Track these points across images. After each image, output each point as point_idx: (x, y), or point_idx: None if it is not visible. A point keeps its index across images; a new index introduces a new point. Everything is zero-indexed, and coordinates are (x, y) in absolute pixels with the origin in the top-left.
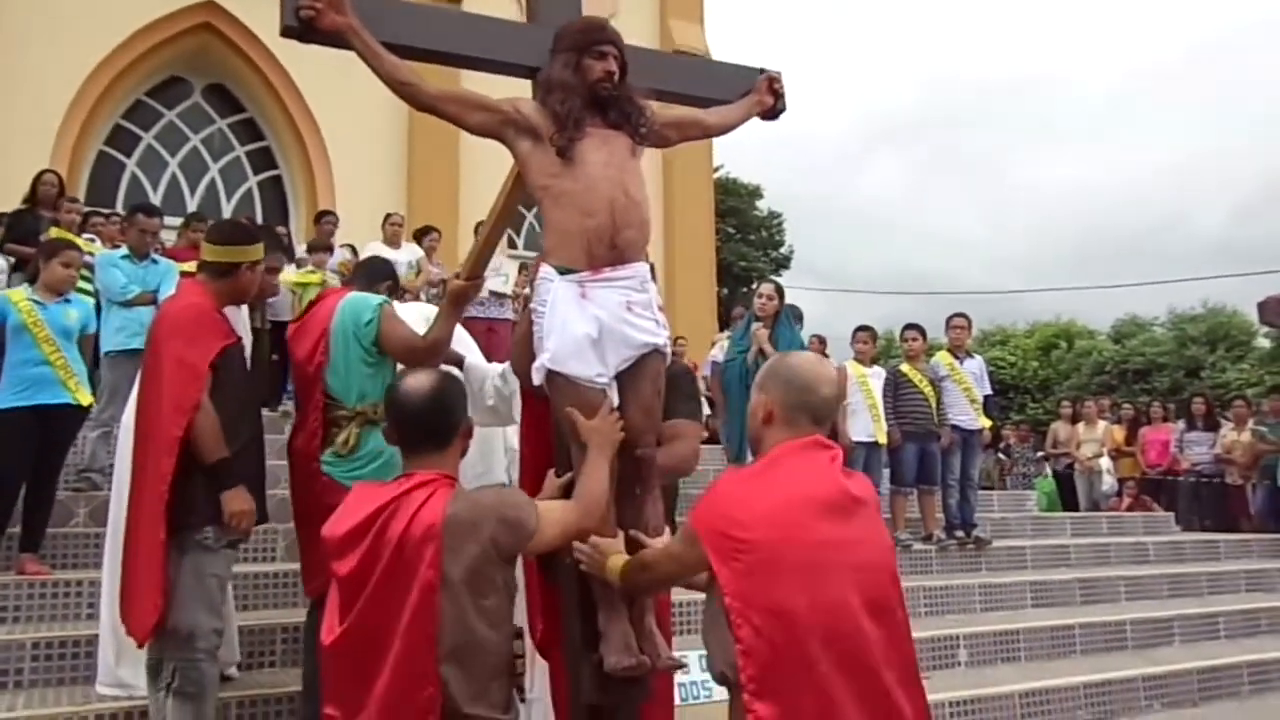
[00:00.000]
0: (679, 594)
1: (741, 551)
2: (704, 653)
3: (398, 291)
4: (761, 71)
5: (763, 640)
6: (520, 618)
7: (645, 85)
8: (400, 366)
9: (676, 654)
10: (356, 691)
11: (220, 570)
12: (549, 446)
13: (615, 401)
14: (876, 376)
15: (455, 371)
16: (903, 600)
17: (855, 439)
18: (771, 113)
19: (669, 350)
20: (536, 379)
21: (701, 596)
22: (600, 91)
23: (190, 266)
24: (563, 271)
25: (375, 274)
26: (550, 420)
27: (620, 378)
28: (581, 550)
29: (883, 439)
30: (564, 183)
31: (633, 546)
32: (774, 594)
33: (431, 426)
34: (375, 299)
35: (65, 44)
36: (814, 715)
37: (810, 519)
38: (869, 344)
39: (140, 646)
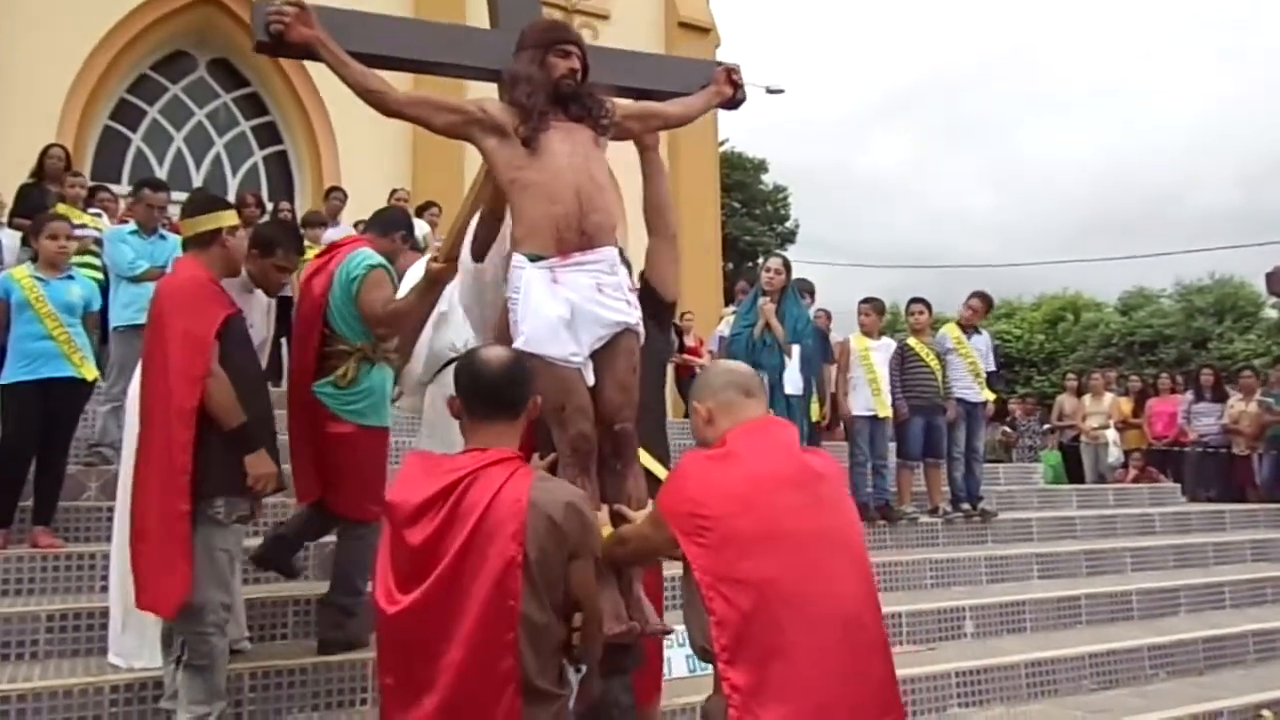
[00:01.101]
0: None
1: (706, 529)
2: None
3: (410, 240)
4: (719, 64)
5: (733, 610)
6: None
7: (607, 82)
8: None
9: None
10: (422, 661)
11: (230, 545)
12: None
13: (591, 380)
14: (882, 349)
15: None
16: (870, 568)
17: (856, 413)
18: (731, 102)
19: (641, 330)
20: None
21: None
22: (563, 87)
23: None
24: (533, 259)
25: (390, 224)
26: None
27: (595, 357)
28: None
29: (884, 412)
30: (530, 173)
31: (617, 520)
32: (740, 566)
33: (506, 399)
34: (372, 260)
35: (70, 17)
36: (784, 680)
37: (771, 493)
38: (873, 316)
39: (170, 619)
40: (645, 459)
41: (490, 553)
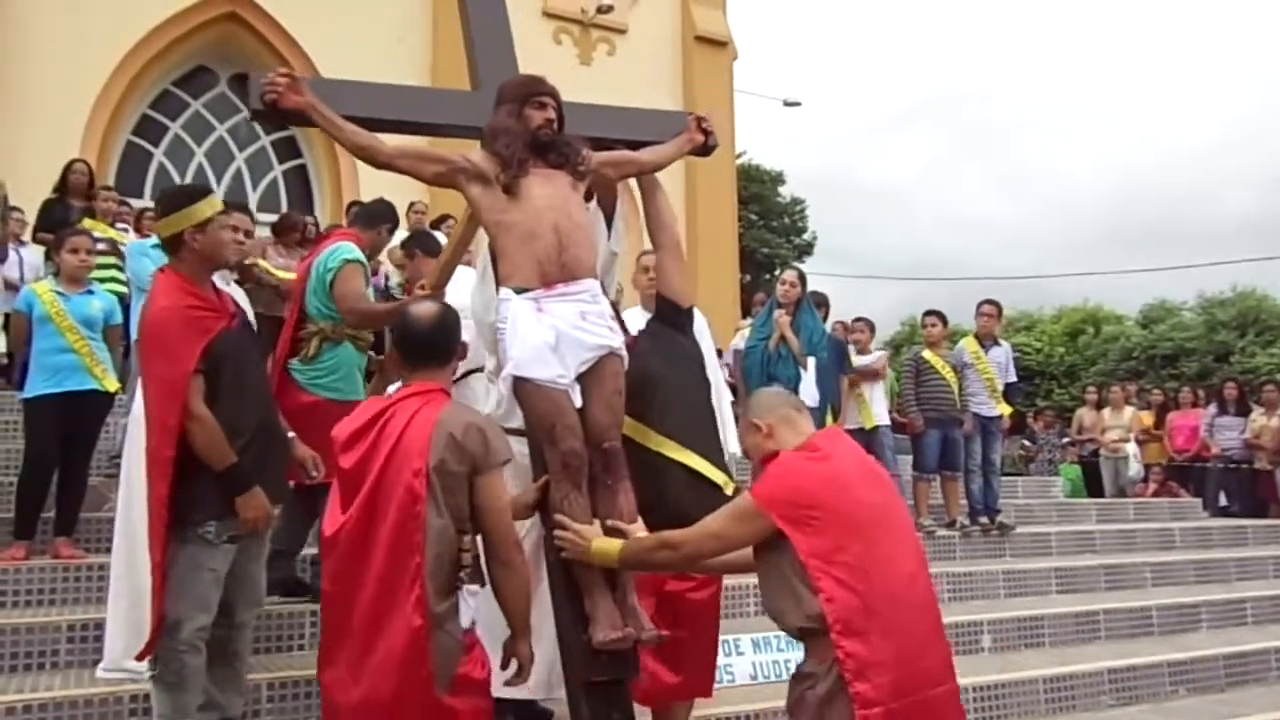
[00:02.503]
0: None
1: (815, 518)
2: (738, 637)
3: (394, 233)
4: (690, 114)
5: (842, 588)
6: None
7: (583, 134)
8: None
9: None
10: (356, 572)
11: (217, 565)
12: None
13: (579, 402)
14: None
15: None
16: (924, 553)
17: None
18: (703, 149)
19: (625, 354)
20: (504, 389)
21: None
22: (541, 136)
23: None
24: (519, 291)
25: (375, 217)
26: None
27: (582, 380)
28: (563, 538)
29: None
30: (512, 215)
31: (612, 535)
32: (846, 550)
33: (434, 346)
34: (348, 254)
35: (93, 33)
36: (885, 650)
37: (859, 487)
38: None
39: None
40: (693, 459)
41: (404, 467)
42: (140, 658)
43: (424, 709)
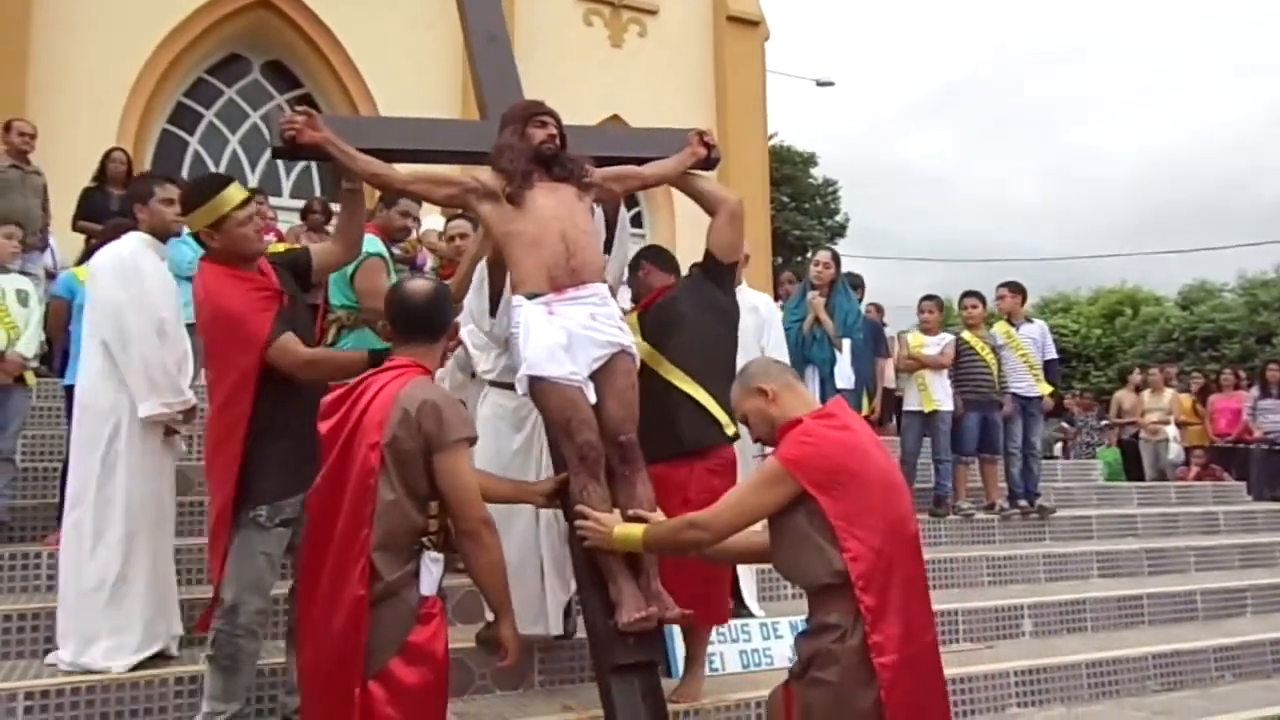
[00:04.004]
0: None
1: (840, 482)
2: (764, 621)
3: (410, 215)
4: (691, 130)
5: (865, 547)
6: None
7: (588, 153)
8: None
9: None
10: (324, 536)
11: (270, 548)
12: None
13: (594, 398)
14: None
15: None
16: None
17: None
18: (706, 162)
19: (636, 353)
20: (520, 390)
21: None
22: (544, 151)
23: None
24: (530, 297)
25: (389, 199)
26: None
27: (595, 378)
28: (585, 528)
29: (928, 406)
30: (520, 225)
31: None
32: (869, 511)
33: (424, 321)
34: (371, 249)
35: (127, 22)
36: (896, 602)
37: (871, 452)
38: (935, 314)
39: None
40: (701, 395)
41: (363, 440)
42: (200, 629)
43: (358, 676)
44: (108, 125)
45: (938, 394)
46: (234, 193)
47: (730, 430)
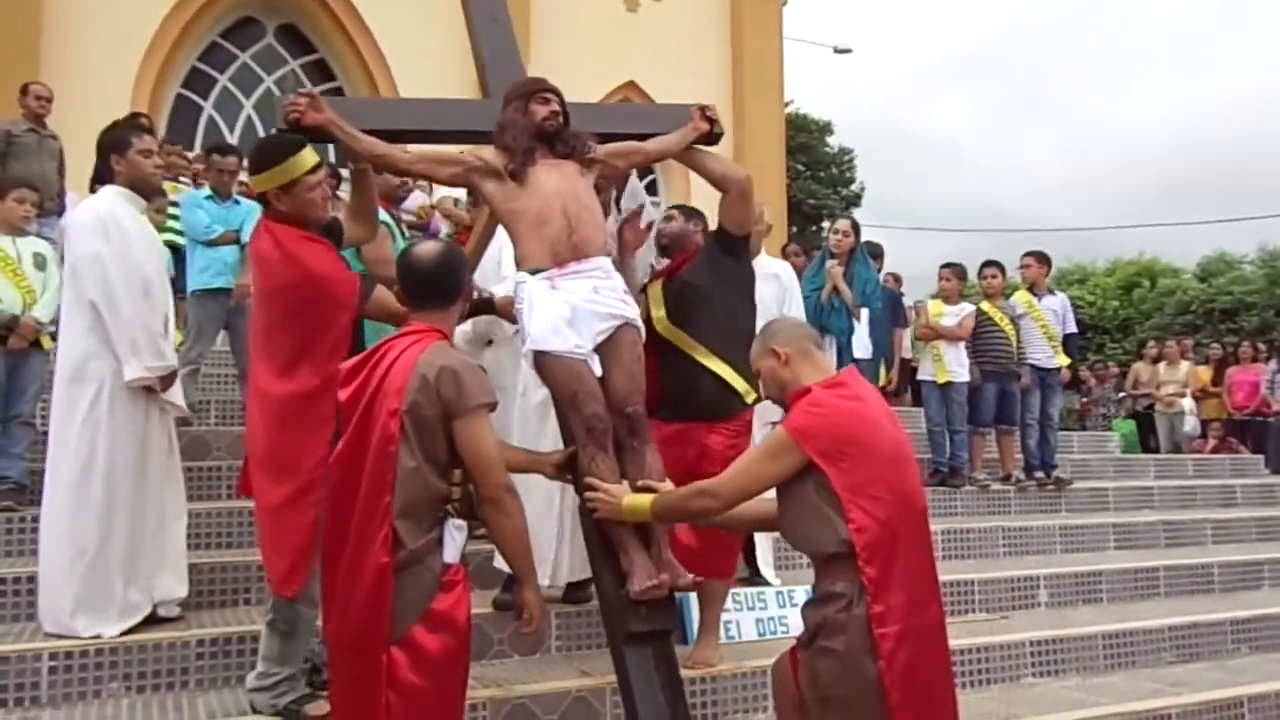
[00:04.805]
0: None
1: (847, 453)
2: (780, 590)
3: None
4: (694, 105)
5: (870, 518)
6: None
7: (590, 130)
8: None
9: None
10: (347, 502)
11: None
12: None
13: (599, 371)
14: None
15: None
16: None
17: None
18: (708, 138)
19: (640, 325)
20: (526, 365)
21: None
22: (546, 127)
23: None
24: (534, 273)
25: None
26: None
27: (601, 351)
28: (594, 499)
29: (941, 377)
30: (523, 202)
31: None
32: (875, 483)
33: (437, 286)
34: (384, 218)
35: None
36: (901, 572)
37: (882, 423)
38: (954, 282)
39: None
40: (721, 368)
41: (383, 406)
42: (285, 594)
43: (383, 642)
44: (122, 89)
45: (952, 365)
46: (308, 157)
47: (750, 398)
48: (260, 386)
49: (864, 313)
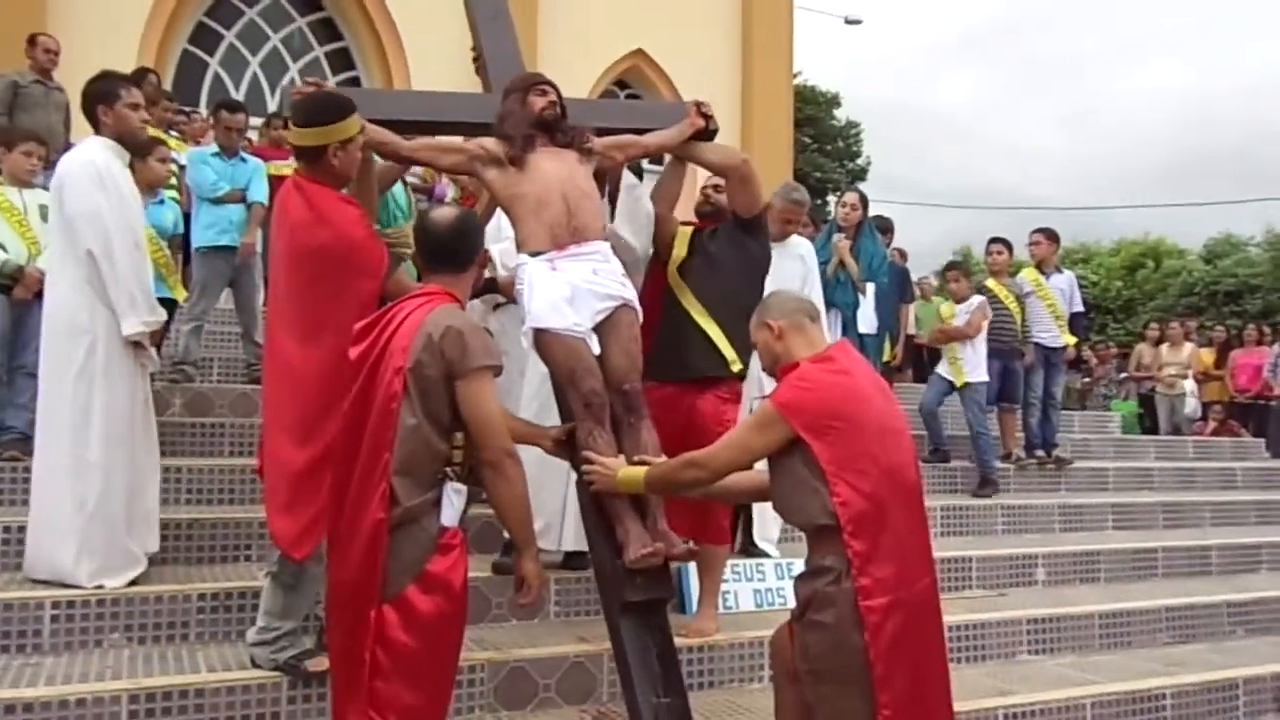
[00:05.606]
0: None
1: (833, 427)
2: (779, 561)
3: None
4: (690, 103)
5: (855, 493)
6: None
7: (588, 124)
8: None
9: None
10: (351, 455)
11: None
12: None
13: (597, 349)
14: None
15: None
16: (917, 453)
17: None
18: (705, 133)
19: (638, 306)
20: (525, 344)
21: None
22: (545, 116)
23: (278, 166)
24: (534, 255)
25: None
26: None
27: (599, 330)
28: (591, 471)
29: (959, 380)
30: (523, 187)
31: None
32: (861, 457)
33: (453, 250)
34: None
35: None
36: (889, 546)
37: (872, 399)
38: (961, 281)
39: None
40: (713, 329)
41: (389, 364)
42: (296, 556)
43: (374, 597)
44: (129, 43)
45: (967, 365)
46: (356, 120)
47: (736, 367)
48: (281, 352)
49: (870, 287)
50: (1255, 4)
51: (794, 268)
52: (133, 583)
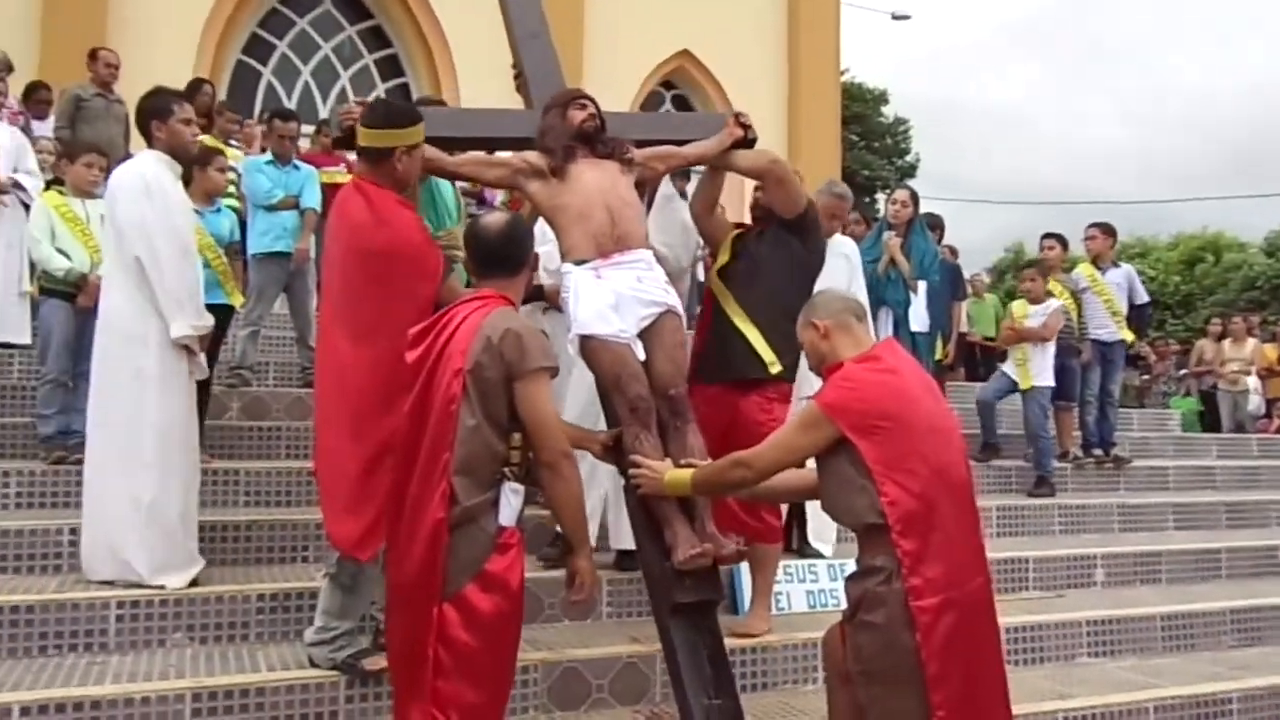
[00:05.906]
0: None
1: (881, 427)
2: (831, 562)
3: None
4: (728, 113)
5: (905, 492)
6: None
7: (628, 136)
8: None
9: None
10: (411, 455)
11: None
12: None
13: (642, 355)
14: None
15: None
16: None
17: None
18: (744, 142)
19: (682, 313)
20: (571, 350)
21: None
22: (585, 128)
23: (329, 173)
24: (579, 263)
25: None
26: None
27: (644, 336)
28: (638, 475)
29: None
30: (566, 198)
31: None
32: (909, 457)
33: (501, 255)
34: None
35: None
36: (939, 545)
37: (921, 398)
38: (1038, 280)
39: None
40: (753, 333)
41: (448, 366)
42: (359, 557)
43: (435, 596)
44: (185, 54)
45: (1034, 368)
46: (422, 129)
47: (775, 369)
48: (334, 351)
49: (921, 285)
50: None
51: (839, 266)
52: (193, 583)
